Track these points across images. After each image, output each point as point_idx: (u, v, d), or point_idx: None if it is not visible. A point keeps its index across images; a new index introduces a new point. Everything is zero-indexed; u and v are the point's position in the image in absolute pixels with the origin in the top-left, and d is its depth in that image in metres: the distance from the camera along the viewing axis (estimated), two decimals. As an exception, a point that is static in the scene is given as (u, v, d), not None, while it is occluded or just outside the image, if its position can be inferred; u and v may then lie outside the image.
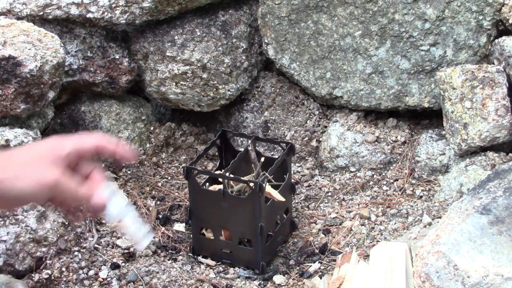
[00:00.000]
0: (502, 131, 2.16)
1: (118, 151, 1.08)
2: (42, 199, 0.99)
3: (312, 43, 2.53)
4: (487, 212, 1.55)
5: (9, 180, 0.95)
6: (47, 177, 0.98)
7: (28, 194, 0.96)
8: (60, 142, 1.03)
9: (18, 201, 0.97)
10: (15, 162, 0.98)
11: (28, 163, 0.98)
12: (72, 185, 1.01)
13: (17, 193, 0.95)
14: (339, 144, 2.52)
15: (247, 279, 2.07)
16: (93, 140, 1.07)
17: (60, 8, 2.34)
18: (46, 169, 0.98)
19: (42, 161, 0.99)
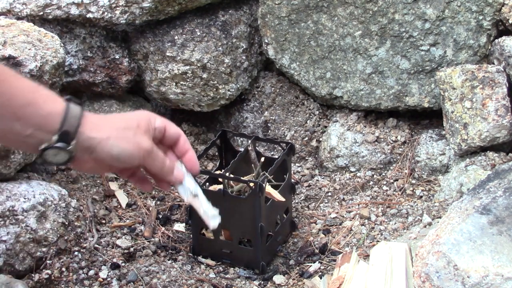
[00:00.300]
0: (502, 131, 2.16)
1: (189, 155, 1.16)
2: (137, 163, 1.05)
3: (312, 43, 2.53)
4: (487, 212, 1.55)
5: (113, 138, 1.02)
6: (144, 143, 1.05)
7: (128, 155, 1.03)
8: (153, 116, 1.10)
9: (117, 160, 1.03)
10: (117, 125, 1.04)
11: (128, 127, 1.05)
12: (162, 155, 1.09)
13: (118, 152, 1.02)
14: (339, 144, 2.52)
15: (247, 279, 2.07)
16: (178, 130, 1.15)
17: (60, 8, 2.34)
18: (142, 135, 1.06)
19: (139, 129, 1.06)
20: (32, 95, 0.96)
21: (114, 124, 1.05)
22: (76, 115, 1.00)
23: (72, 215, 2.09)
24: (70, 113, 0.99)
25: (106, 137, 1.02)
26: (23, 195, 1.98)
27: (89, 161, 1.04)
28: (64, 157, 1.00)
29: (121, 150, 1.03)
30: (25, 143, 0.98)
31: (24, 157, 2.06)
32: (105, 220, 2.26)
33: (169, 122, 1.14)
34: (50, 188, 2.07)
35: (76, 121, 0.99)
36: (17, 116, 0.95)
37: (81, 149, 1.00)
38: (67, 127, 0.98)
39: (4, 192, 1.97)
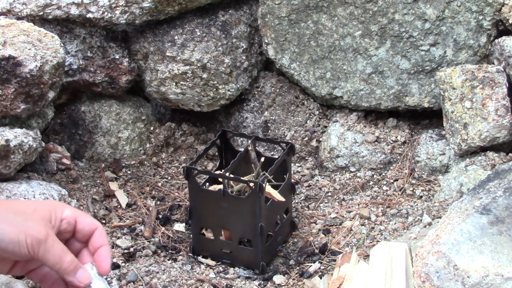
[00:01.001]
0: (502, 131, 2.16)
1: (101, 251, 0.98)
2: (24, 252, 0.89)
3: (312, 43, 2.53)
4: (487, 212, 1.55)
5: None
6: (35, 230, 0.90)
7: (10, 240, 0.88)
8: (62, 205, 0.97)
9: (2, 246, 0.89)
10: (7, 207, 0.92)
11: (20, 211, 0.91)
12: (59, 248, 0.92)
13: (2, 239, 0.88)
14: (339, 144, 2.52)
15: (247, 279, 2.07)
16: (93, 222, 0.99)
17: (60, 8, 2.34)
18: (36, 221, 0.91)
19: (34, 214, 0.91)
20: None
21: (5, 206, 0.92)
22: None
23: (72, 215, 2.09)
24: None
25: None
26: (23, 195, 1.98)
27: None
28: None
29: (3, 235, 0.88)
30: None
31: (24, 157, 2.06)
32: (105, 220, 2.26)
33: (84, 213, 0.99)
34: (50, 188, 2.07)
35: None
36: None
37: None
38: None
39: (4, 192, 1.97)
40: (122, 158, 2.58)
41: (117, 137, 2.57)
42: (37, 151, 2.12)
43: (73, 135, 2.52)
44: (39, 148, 2.13)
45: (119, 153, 2.59)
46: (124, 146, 2.59)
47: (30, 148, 2.07)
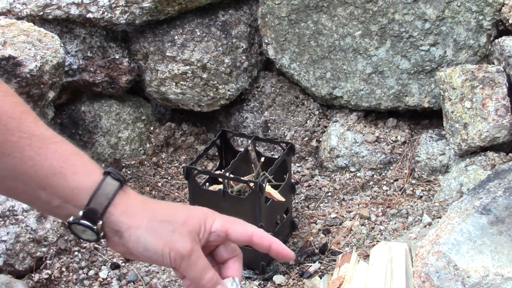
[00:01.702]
0: (502, 131, 2.16)
1: (274, 248, 0.94)
2: (168, 264, 0.89)
3: (312, 43, 2.53)
4: (487, 212, 1.55)
5: (144, 229, 0.88)
6: (181, 245, 0.88)
7: (154, 251, 0.88)
8: (212, 216, 0.93)
9: (144, 254, 0.89)
10: (156, 214, 0.90)
11: (168, 221, 0.90)
12: (201, 264, 0.90)
13: (145, 246, 0.88)
14: (339, 144, 2.52)
15: (247, 279, 2.07)
16: (247, 230, 0.93)
17: (60, 8, 2.34)
18: (183, 236, 0.89)
19: (183, 227, 0.89)
20: (60, 165, 0.86)
21: (153, 212, 0.90)
22: (109, 193, 0.88)
23: (72, 215, 2.09)
24: (101, 190, 0.87)
25: (136, 225, 0.88)
26: (23, 195, 1.98)
27: (120, 245, 0.90)
28: (92, 236, 0.89)
29: (148, 244, 0.88)
30: (54, 213, 0.89)
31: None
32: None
33: (236, 223, 0.94)
34: (50, 188, 2.07)
35: (106, 200, 0.87)
36: (42, 186, 0.86)
37: (110, 231, 0.89)
38: (94, 205, 0.87)
39: (4, 192, 1.96)
40: (122, 158, 2.58)
41: (117, 137, 2.57)
42: (37, 151, 2.11)
43: (73, 135, 2.52)
44: (39, 148, 2.13)
45: (119, 153, 2.59)
46: (124, 146, 2.59)
47: (30, 148, 2.06)
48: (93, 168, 0.89)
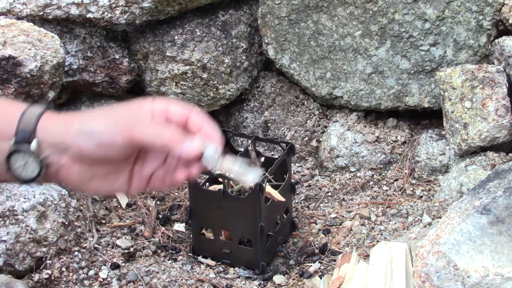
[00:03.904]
0: (502, 131, 2.16)
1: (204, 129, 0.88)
2: (121, 138, 0.84)
3: (312, 43, 2.53)
4: (487, 212, 1.55)
5: (82, 120, 0.85)
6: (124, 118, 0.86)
7: (104, 127, 0.84)
8: (150, 100, 0.90)
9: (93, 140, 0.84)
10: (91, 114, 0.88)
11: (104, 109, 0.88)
12: (155, 125, 0.86)
13: (90, 128, 0.84)
14: (339, 144, 2.52)
15: (247, 279, 2.07)
16: (185, 108, 0.89)
17: (60, 8, 2.34)
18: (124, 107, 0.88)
19: (120, 106, 0.88)
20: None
21: (88, 114, 0.88)
22: (35, 113, 0.85)
23: (72, 215, 2.09)
24: (27, 113, 0.85)
25: (71, 122, 0.85)
26: (23, 195, 1.98)
27: (71, 165, 0.86)
28: (35, 166, 0.85)
29: (93, 124, 0.85)
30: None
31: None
32: (105, 220, 2.26)
33: (174, 101, 0.91)
34: (50, 188, 2.07)
35: (35, 118, 0.84)
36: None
37: (52, 149, 0.85)
38: (23, 126, 0.84)
39: (4, 192, 1.97)
40: (122, 158, 2.58)
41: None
42: (37, 151, 2.12)
43: (73, 135, 2.52)
44: (39, 148, 2.13)
45: (119, 153, 2.58)
46: (124, 146, 2.59)
47: (30, 148, 2.06)
48: (15, 103, 0.87)
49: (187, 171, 0.89)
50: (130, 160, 0.90)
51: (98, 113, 0.88)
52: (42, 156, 0.85)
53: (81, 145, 0.84)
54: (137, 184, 0.91)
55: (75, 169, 0.87)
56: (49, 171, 0.87)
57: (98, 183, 0.89)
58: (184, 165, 0.89)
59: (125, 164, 0.90)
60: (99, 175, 0.89)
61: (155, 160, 0.91)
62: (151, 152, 0.90)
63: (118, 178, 0.90)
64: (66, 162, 0.86)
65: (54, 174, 0.88)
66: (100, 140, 0.84)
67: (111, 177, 0.90)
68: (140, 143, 0.85)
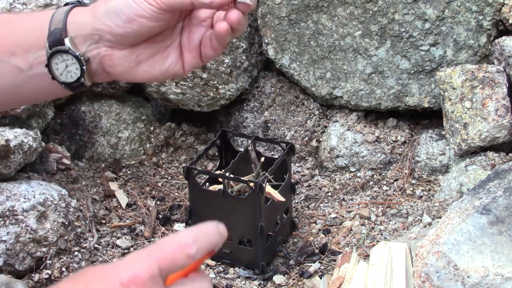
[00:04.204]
0: (502, 131, 2.16)
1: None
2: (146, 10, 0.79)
3: (312, 43, 2.52)
4: (487, 212, 1.55)
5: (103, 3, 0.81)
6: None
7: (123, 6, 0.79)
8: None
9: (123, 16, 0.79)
10: None
11: None
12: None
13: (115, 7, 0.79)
14: (339, 144, 2.52)
15: (247, 279, 2.07)
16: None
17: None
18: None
19: None
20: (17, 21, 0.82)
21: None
22: (63, 11, 0.81)
23: (72, 215, 2.09)
24: (56, 14, 0.82)
25: (97, 7, 0.81)
26: (23, 195, 1.98)
27: (112, 53, 0.82)
28: (77, 66, 0.81)
29: (113, 4, 0.81)
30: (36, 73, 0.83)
31: (24, 157, 2.06)
32: (105, 220, 2.26)
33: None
34: (50, 188, 2.07)
35: (63, 17, 0.81)
36: (11, 51, 0.82)
37: (87, 42, 0.82)
38: (53, 28, 0.81)
39: (4, 192, 1.97)
40: (122, 158, 2.58)
41: (117, 137, 2.57)
42: (37, 151, 2.12)
43: (73, 135, 2.52)
44: (39, 148, 2.13)
45: (119, 153, 2.58)
46: (124, 146, 2.59)
47: (30, 148, 2.07)
48: (46, 11, 0.83)
49: (227, 19, 0.82)
50: (174, 32, 0.85)
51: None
52: (80, 52, 0.81)
53: (111, 25, 0.80)
54: (189, 57, 0.85)
55: (118, 56, 0.82)
56: (92, 67, 0.83)
57: (147, 67, 0.84)
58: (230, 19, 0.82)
59: (171, 38, 0.85)
60: (145, 57, 0.84)
61: (201, 26, 0.85)
62: (193, 18, 0.85)
63: (167, 56, 0.85)
64: (106, 51, 0.82)
65: (100, 69, 0.83)
66: (128, 14, 0.80)
67: (159, 57, 0.85)
68: (168, 4, 0.79)
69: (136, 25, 0.80)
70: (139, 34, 0.81)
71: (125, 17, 0.80)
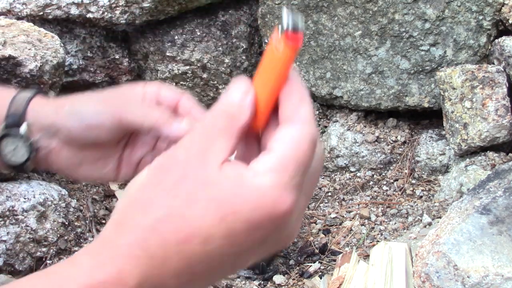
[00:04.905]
0: (502, 131, 2.16)
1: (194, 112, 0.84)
2: (106, 122, 0.82)
3: (312, 43, 2.53)
4: (487, 212, 1.55)
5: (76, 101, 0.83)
6: (113, 98, 0.83)
7: (94, 109, 0.82)
8: (142, 84, 0.88)
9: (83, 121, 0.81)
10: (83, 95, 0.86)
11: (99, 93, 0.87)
12: (144, 105, 0.83)
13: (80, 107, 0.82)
14: (339, 144, 2.52)
15: (247, 279, 2.07)
16: (177, 91, 0.86)
17: (60, 8, 2.34)
18: (118, 90, 0.85)
19: (115, 89, 0.85)
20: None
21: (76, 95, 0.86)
22: (26, 97, 0.84)
23: (72, 215, 2.09)
24: (18, 97, 0.84)
25: (62, 104, 0.83)
26: (23, 195, 1.98)
27: (61, 149, 0.85)
28: (25, 151, 0.84)
29: (83, 106, 0.83)
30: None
31: (24, 157, 2.06)
32: (105, 220, 2.26)
33: (166, 85, 0.89)
34: (50, 188, 2.07)
35: (25, 101, 0.83)
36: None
37: (42, 132, 0.84)
38: (13, 110, 0.83)
39: (4, 192, 1.97)
40: (122, 158, 2.58)
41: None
42: (37, 151, 2.12)
43: (73, 135, 2.52)
44: (39, 148, 2.13)
45: (119, 153, 2.59)
46: (124, 146, 2.59)
47: (30, 148, 2.06)
48: (7, 89, 0.85)
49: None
50: (120, 145, 0.89)
51: (88, 96, 0.87)
52: (32, 139, 0.84)
53: (71, 127, 0.83)
54: (125, 171, 0.89)
55: (65, 153, 0.86)
56: (39, 156, 0.86)
57: (87, 169, 0.88)
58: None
59: (115, 150, 0.89)
60: (88, 160, 0.87)
61: (145, 146, 0.89)
62: (141, 137, 0.89)
63: (107, 164, 0.88)
64: (56, 145, 0.85)
65: (44, 158, 0.86)
66: (89, 122, 0.83)
67: (100, 162, 0.89)
68: (129, 124, 0.83)
69: (94, 134, 0.84)
70: (93, 141, 0.86)
71: (87, 123, 0.84)
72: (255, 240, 0.53)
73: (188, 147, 0.56)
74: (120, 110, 0.83)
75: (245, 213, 0.52)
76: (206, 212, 0.52)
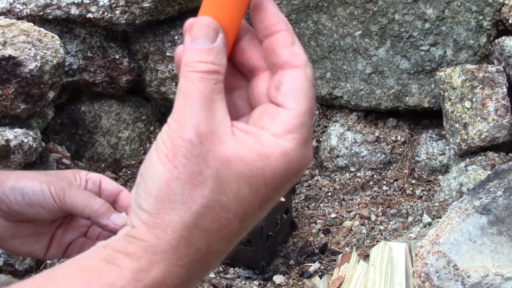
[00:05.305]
0: (502, 131, 2.16)
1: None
2: (49, 204, 0.85)
3: (312, 43, 2.53)
4: (487, 212, 1.55)
5: (8, 180, 0.85)
6: (56, 180, 0.86)
7: (31, 192, 0.84)
8: (84, 171, 0.92)
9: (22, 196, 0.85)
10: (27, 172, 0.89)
11: (42, 173, 0.89)
12: (86, 193, 0.87)
13: (20, 191, 0.84)
14: (339, 144, 2.52)
15: (247, 279, 2.07)
16: (117, 185, 0.92)
17: (60, 8, 2.34)
18: (58, 175, 0.88)
19: (58, 175, 0.88)
20: None
21: (22, 171, 0.89)
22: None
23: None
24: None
25: (6, 177, 0.86)
26: (23, 195, 1.98)
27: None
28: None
29: (24, 187, 0.85)
30: None
31: (24, 157, 2.06)
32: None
33: (106, 177, 0.93)
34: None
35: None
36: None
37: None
38: None
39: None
40: (122, 158, 2.58)
41: (117, 137, 2.57)
42: (37, 151, 2.12)
43: (73, 135, 2.52)
44: (39, 148, 2.13)
45: (119, 153, 2.59)
46: (124, 146, 2.59)
47: (30, 148, 2.07)
48: None
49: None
50: (54, 224, 0.92)
51: (34, 173, 0.89)
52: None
53: (12, 201, 0.86)
54: (54, 250, 0.93)
55: (0, 224, 0.88)
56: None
57: (18, 243, 0.91)
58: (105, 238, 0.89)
59: (49, 228, 0.92)
60: (21, 235, 0.90)
61: (77, 230, 0.93)
62: (76, 221, 0.93)
63: (39, 241, 0.92)
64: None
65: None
66: (32, 199, 0.86)
67: (33, 238, 0.92)
68: (70, 207, 0.86)
69: (34, 211, 0.87)
70: (31, 217, 0.89)
71: (28, 200, 0.86)
72: (282, 193, 0.55)
73: (187, 125, 0.52)
74: (63, 193, 0.86)
75: (276, 181, 0.52)
76: (239, 192, 0.51)
